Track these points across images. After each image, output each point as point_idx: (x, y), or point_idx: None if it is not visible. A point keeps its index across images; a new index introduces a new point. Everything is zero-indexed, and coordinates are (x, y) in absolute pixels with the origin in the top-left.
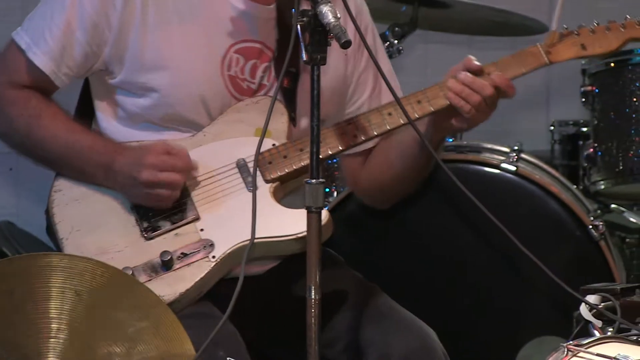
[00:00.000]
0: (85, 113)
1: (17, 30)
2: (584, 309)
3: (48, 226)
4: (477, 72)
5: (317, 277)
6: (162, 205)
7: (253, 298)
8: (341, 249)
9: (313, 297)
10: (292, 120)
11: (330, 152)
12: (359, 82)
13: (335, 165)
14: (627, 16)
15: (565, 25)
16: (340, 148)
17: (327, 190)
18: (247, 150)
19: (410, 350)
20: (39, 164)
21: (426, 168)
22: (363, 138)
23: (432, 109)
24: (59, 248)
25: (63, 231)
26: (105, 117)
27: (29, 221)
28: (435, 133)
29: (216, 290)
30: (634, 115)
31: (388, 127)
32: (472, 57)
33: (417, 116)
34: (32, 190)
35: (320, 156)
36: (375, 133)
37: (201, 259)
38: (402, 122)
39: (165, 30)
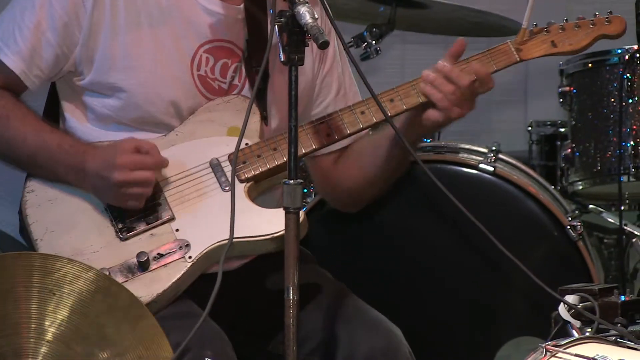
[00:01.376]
0: (52, 116)
1: None
2: (562, 309)
3: (21, 227)
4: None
5: (296, 278)
6: (135, 205)
7: (228, 294)
8: (318, 248)
9: (291, 297)
10: (264, 119)
11: (304, 151)
12: (324, 84)
13: None
14: (596, 13)
15: (535, 23)
16: (314, 147)
17: (305, 190)
18: (220, 149)
19: (375, 350)
20: (9, 164)
21: (398, 169)
22: (336, 137)
23: (405, 107)
24: (33, 249)
25: (37, 232)
26: (75, 119)
27: (4, 221)
28: (409, 132)
29: (195, 287)
30: (611, 116)
31: (361, 126)
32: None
33: (389, 114)
34: (6, 191)
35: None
36: (349, 132)
37: (177, 259)
38: (375, 120)
39: (135, 31)
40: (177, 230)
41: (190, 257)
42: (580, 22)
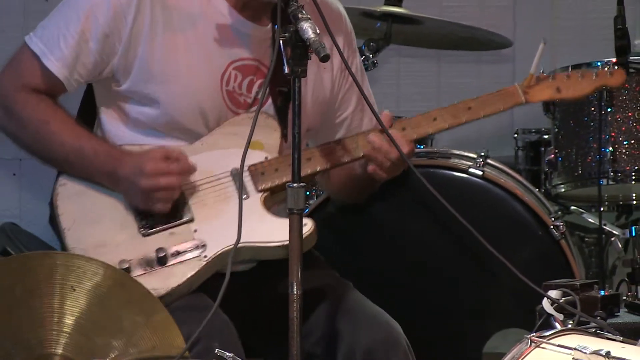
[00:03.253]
0: (87, 116)
1: (30, 36)
2: (546, 303)
3: (51, 217)
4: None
5: (299, 274)
6: (161, 209)
7: (239, 292)
8: (320, 248)
9: (295, 292)
10: (284, 136)
11: (318, 169)
12: (344, 98)
13: None
14: (598, 64)
15: (542, 70)
16: (328, 166)
17: (308, 193)
18: (240, 160)
19: (375, 341)
20: (45, 163)
21: (370, 188)
22: (348, 158)
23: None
24: (61, 238)
25: (65, 222)
26: (110, 122)
27: (31, 222)
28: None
29: (209, 283)
30: (591, 124)
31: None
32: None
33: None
34: (33, 194)
35: (309, 172)
36: (361, 154)
37: (194, 257)
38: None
39: (171, 47)
40: (195, 231)
41: (205, 257)
42: (584, 72)
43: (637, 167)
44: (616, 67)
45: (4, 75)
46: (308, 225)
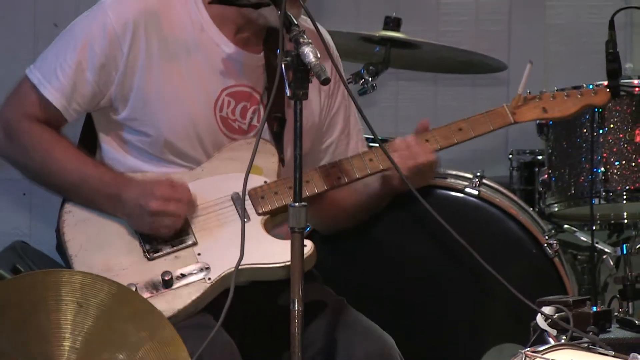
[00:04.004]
0: (88, 145)
1: (30, 68)
2: (540, 319)
3: (58, 244)
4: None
5: (300, 292)
6: (164, 233)
7: (241, 308)
8: (319, 264)
9: (297, 309)
10: (282, 161)
11: (316, 191)
12: (331, 123)
13: None
14: (583, 85)
15: (529, 91)
16: (325, 187)
17: None
18: (240, 184)
19: (370, 354)
20: (50, 191)
21: (379, 206)
22: (346, 180)
23: (382, 167)
24: (68, 264)
25: (72, 249)
26: (111, 150)
27: (41, 241)
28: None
29: (213, 302)
30: (584, 145)
31: (369, 172)
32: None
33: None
34: (43, 214)
35: (307, 193)
36: (358, 176)
37: (198, 280)
38: (381, 167)
39: (167, 73)
40: (199, 254)
41: (209, 279)
42: (569, 92)
43: (628, 187)
44: (600, 86)
45: (7, 105)
46: (308, 247)
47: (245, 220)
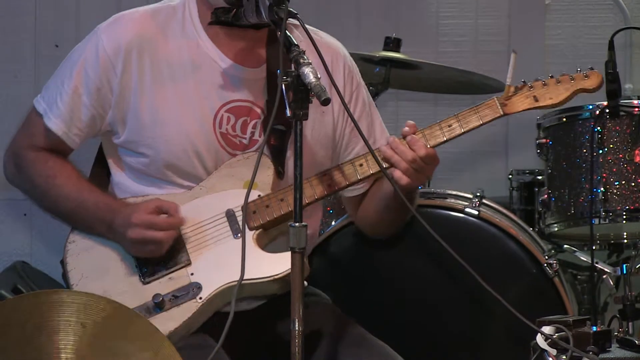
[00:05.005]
0: (101, 172)
1: (37, 98)
2: (540, 339)
3: (63, 273)
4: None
5: (300, 311)
6: (153, 256)
7: (243, 331)
8: (323, 285)
9: (297, 329)
10: (279, 174)
11: (306, 201)
12: (352, 134)
13: None
14: (578, 69)
15: (523, 80)
16: (316, 197)
17: (332, 211)
18: (235, 201)
19: None
20: (56, 218)
21: (404, 212)
22: (336, 187)
23: (371, 172)
24: None
25: (74, 278)
26: (116, 173)
27: (41, 261)
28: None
29: (211, 322)
30: (583, 165)
31: (358, 177)
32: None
33: (371, 172)
34: (44, 234)
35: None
36: (347, 182)
37: (189, 300)
38: (371, 172)
39: (160, 92)
40: (192, 274)
41: (200, 298)
42: (561, 77)
43: (628, 207)
44: (591, 69)
45: (18, 135)
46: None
47: (238, 236)
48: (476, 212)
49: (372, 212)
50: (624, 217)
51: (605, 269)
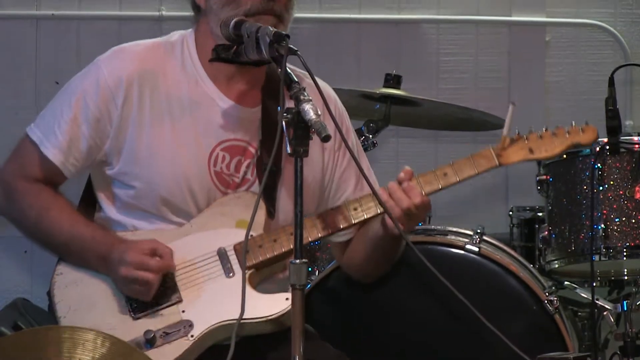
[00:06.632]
0: (89, 203)
1: (31, 126)
2: None
3: (49, 305)
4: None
5: (301, 348)
6: (141, 297)
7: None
8: (321, 322)
9: None
10: (271, 214)
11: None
12: (342, 179)
13: (317, 247)
14: (573, 122)
15: (517, 130)
16: (309, 239)
17: (310, 269)
18: (227, 240)
19: None
20: (45, 249)
21: (394, 251)
22: (331, 231)
23: (366, 216)
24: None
25: (61, 310)
26: (106, 207)
27: (42, 298)
28: (383, 231)
29: (207, 356)
30: (584, 202)
31: (353, 222)
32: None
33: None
34: (44, 271)
35: (292, 246)
36: (341, 227)
37: (181, 337)
38: (366, 217)
39: (158, 127)
40: (183, 311)
41: (192, 336)
42: (557, 130)
43: (628, 244)
44: (587, 124)
45: (8, 165)
46: (290, 301)
47: (230, 275)
48: (477, 249)
49: (359, 254)
50: (625, 253)
51: (606, 306)
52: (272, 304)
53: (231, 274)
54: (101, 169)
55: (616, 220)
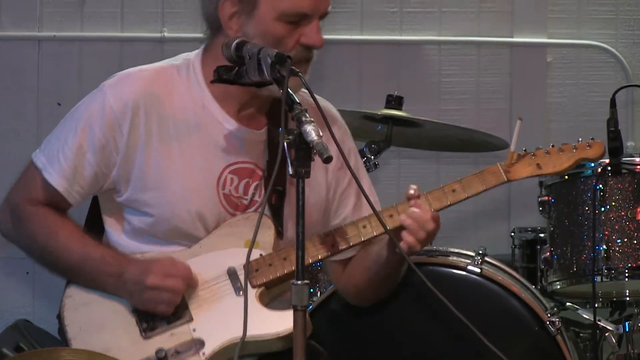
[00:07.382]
0: (93, 227)
1: (36, 152)
2: None
3: (59, 328)
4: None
5: None
6: (162, 310)
7: None
8: (323, 343)
9: None
10: (279, 233)
11: (310, 261)
12: (342, 197)
13: (319, 267)
14: (579, 139)
15: (524, 148)
16: (320, 257)
17: (312, 290)
18: (236, 259)
19: None
20: (54, 273)
21: (396, 274)
22: (340, 248)
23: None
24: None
25: (72, 332)
26: (114, 232)
27: (44, 319)
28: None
29: None
30: (585, 223)
31: (362, 239)
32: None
33: (375, 234)
34: (46, 292)
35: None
36: (351, 244)
37: (192, 356)
38: (375, 234)
39: (166, 153)
40: (194, 330)
41: (204, 354)
42: (564, 146)
43: (630, 265)
44: (594, 140)
45: (14, 189)
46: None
47: (240, 293)
48: (478, 270)
49: (359, 277)
50: (626, 274)
51: (608, 327)
52: (282, 321)
53: (240, 292)
54: (111, 196)
55: (618, 241)
